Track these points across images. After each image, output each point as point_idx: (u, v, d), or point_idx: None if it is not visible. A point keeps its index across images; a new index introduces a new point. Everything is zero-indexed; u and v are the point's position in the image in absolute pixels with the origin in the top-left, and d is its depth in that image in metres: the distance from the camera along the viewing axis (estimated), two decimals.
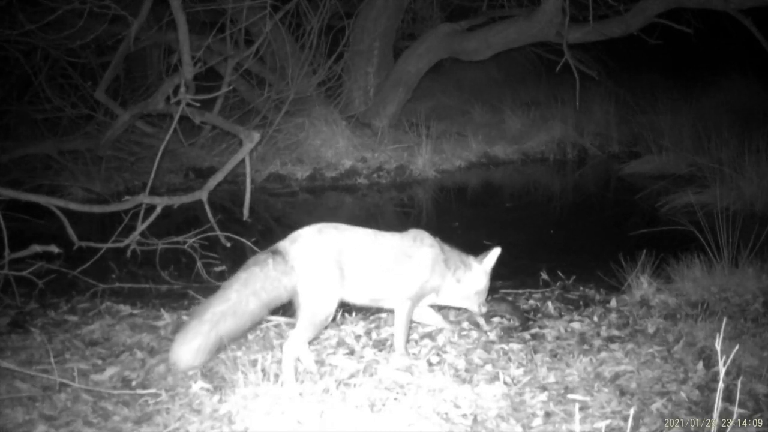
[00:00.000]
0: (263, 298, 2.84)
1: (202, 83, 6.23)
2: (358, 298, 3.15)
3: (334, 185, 7.36)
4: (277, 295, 2.88)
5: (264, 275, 2.84)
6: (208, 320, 2.78)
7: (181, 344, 2.80)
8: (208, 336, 2.78)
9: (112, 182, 6.85)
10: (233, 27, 6.90)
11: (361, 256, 3.01)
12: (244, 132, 5.59)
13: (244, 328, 2.91)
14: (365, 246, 3.05)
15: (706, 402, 2.79)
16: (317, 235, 2.97)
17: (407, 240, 3.16)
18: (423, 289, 3.19)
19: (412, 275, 3.12)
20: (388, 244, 3.10)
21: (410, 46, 8.92)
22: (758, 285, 3.91)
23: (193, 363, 2.83)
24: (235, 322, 2.82)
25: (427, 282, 3.17)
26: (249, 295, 2.82)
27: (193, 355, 2.79)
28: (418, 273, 3.13)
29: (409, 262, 3.10)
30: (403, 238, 3.17)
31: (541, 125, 8.78)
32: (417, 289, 3.16)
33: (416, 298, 3.21)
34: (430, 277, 3.17)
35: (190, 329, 2.80)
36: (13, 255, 4.25)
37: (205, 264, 4.64)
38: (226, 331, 2.81)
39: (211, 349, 2.82)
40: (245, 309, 2.82)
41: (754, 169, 5.81)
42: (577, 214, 6.47)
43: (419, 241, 3.17)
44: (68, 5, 5.56)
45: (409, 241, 3.16)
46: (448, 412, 2.74)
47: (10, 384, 2.96)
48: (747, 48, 8.43)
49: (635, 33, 8.00)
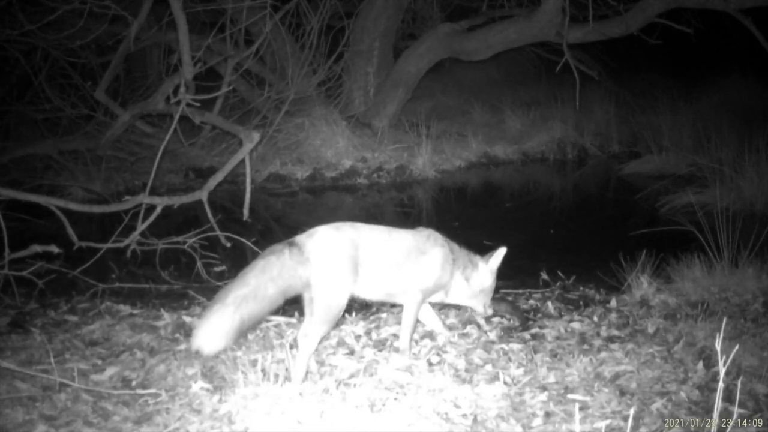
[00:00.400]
0: (280, 285, 2.86)
1: (202, 83, 6.22)
2: (373, 294, 3.20)
3: (334, 185, 7.36)
4: (292, 284, 2.90)
5: (281, 263, 2.87)
6: (231, 303, 2.78)
7: (207, 327, 2.78)
8: (233, 319, 2.77)
9: (112, 182, 6.84)
10: (233, 27, 6.90)
11: (377, 252, 3.07)
12: (244, 132, 5.59)
13: (263, 313, 2.91)
14: (381, 242, 3.11)
15: (706, 402, 2.79)
16: (334, 231, 3.02)
17: (421, 237, 3.24)
18: (435, 285, 3.28)
19: (425, 271, 3.20)
20: (402, 240, 3.17)
21: (410, 46, 8.92)
22: (758, 285, 3.91)
23: (218, 346, 2.80)
24: (256, 306, 2.83)
25: (439, 278, 3.26)
26: (267, 281, 2.84)
27: (219, 338, 2.77)
28: (431, 269, 3.22)
29: (422, 258, 3.18)
30: (416, 235, 3.25)
31: (541, 125, 8.78)
32: (429, 285, 3.25)
33: (427, 293, 3.30)
34: (441, 273, 3.26)
35: (214, 312, 2.79)
36: (13, 255, 4.25)
37: (205, 264, 4.64)
38: (248, 315, 2.81)
39: (235, 333, 2.81)
40: (264, 294, 2.83)
41: (754, 169, 5.81)
42: (577, 214, 6.47)
43: (432, 240, 3.27)
44: (68, 5, 5.56)
45: (423, 239, 3.25)
46: (448, 412, 2.74)
47: (10, 384, 2.96)
48: (747, 48, 8.43)
49: (635, 33, 8.00)
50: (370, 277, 3.06)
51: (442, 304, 3.69)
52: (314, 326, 2.94)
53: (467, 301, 3.49)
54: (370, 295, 3.21)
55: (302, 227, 3.16)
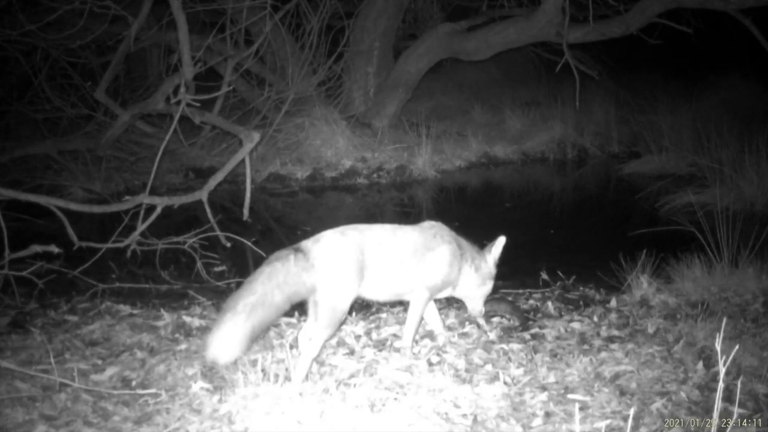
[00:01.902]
0: (286, 292, 2.87)
1: (202, 83, 6.22)
2: (380, 294, 3.21)
3: (334, 185, 7.36)
4: (298, 290, 2.90)
5: (285, 270, 2.87)
6: (242, 311, 2.78)
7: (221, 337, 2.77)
8: (245, 326, 2.77)
9: (112, 182, 6.84)
10: (233, 27, 6.90)
11: (383, 253, 3.07)
12: (244, 132, 5.59)
13: (271, 320, 2.92)
14: (386, 243, 3.11)
15: (706, 402, 2.79)
16: (339, 236, 3.02)
17: (427, 234, 3.24)
18: (444, 282, 3.30)
19: (432, 268, 3.21)
20: (408, 239, 3.17)
21: (410, 46, 8.92)
22: (758, 285, 3.91)
23: (233, 356, 2.80)
24: (264, 313, 2.83)
25: (447, 275, 3.28)
26: (273, 287, 2.84)
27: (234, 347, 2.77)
28: (439, 267, 3.23)
29: (429, 255, 3.18)
30: (423, 232, 3.24)
31: (541, 125, 8.78)
32: (438, 282, 3.26)
33: (435, 290, 3.31)
34: (449, 270, 3.27)
35: (226, 321, 2.79)
36: (13, 255, 4.25)
37: (205, 264, 4.64)
38: (258, 322, 2.82)
39: (248, 341, 2.81)
40: (272, 301, 2.83)
41: (754, 169, 5.81)
42: (577, 214, 6.47)
43: (439, 236, 3.27)
44: (68, 5, 5.56)
45: (430, 236, 3.26)
46: (448, 412, 2.74)
47: (10, 384, 2.96)
48: (747, 48, 8.43)
49: (635, 33, 8.00)
50: (376, 278, 3.07)
51: (442, 305, 3.69)
52: (319, 330, 2.94)
53: (473, 293, 3.47)
54: (377, 296, 3.21)
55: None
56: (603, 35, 8.04)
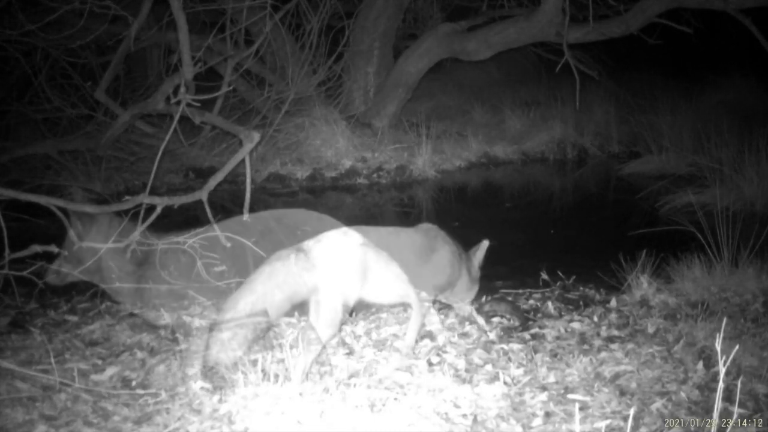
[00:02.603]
0: (286, 291, 2.87)
1: (202, 83, 6.22)
2: (384, 297, 3.19)
3: (334, 185, 7.36)
4: (298, 291, 2.90)
5: (286, 270, 2.87)
6: (242, 310, 2.78)
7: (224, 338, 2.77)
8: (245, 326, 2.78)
9: (112, 182, 6.85)
10: (233, 27, 6.90)
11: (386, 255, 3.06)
12: (244, 132, 5.57)
13: (271, 320, 2.92)
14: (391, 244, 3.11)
15: (706, 402, 2.79)
16: (342, 236, 3.02)
17: (429, 236, 3.25)
18: (447, 282, 3.37)
19: (436, 269, 3.20)
20: (411, 240, 3.18)
21: (410, 46, 8.92)
22: (758, 285, 3.91)
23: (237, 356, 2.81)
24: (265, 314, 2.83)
25: (450, 276, 3.30)
26: (274, 287, 2.85)
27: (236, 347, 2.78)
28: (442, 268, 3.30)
29: (433, 256, 3.19)
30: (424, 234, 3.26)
31: (541, 125, 8.78)
32: (443, 282, 3.33)
33: (438, 291, 3.37)
34: (451, 271, 3.33)
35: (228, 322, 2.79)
36: (13, 255, 4.23)
37: (205, 264, 4.63)
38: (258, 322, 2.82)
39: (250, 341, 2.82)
40: (272, 301, 2.84)
41: (754, 169, 5.81)
42: (577, 214, 6.47)
43: (440, 239, 3.34)
44: (68, 5, 5.55)
45: (432, 238, 3.29)
46: (448, 412, 2.74)
47: (10, 384, 2.96)
48: (747, 48, 8.42)
49: (635, 33, 8.00)
50: (380, 280, 3.06)
51: (442, 304, 3.68)
52: (320, 330, 2.94)
53: (463, 296, 3.50)
54: (380, 298, 3.19)
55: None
56: (603, 35, 8.04)
